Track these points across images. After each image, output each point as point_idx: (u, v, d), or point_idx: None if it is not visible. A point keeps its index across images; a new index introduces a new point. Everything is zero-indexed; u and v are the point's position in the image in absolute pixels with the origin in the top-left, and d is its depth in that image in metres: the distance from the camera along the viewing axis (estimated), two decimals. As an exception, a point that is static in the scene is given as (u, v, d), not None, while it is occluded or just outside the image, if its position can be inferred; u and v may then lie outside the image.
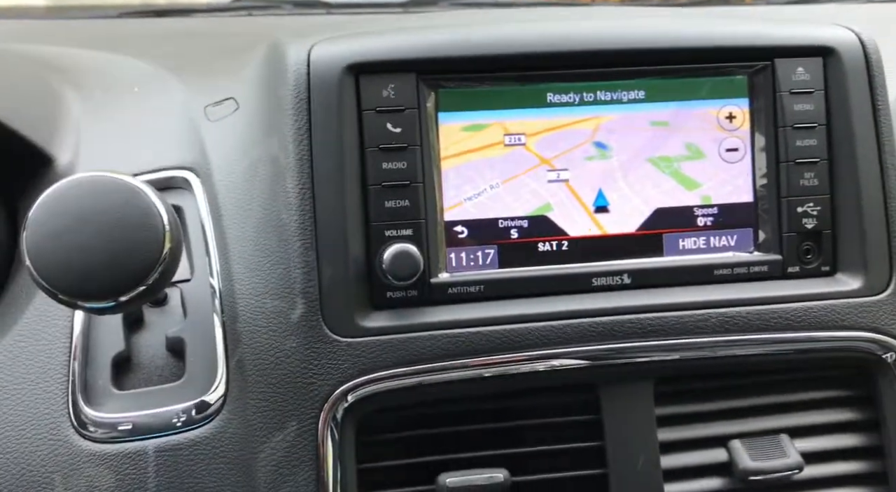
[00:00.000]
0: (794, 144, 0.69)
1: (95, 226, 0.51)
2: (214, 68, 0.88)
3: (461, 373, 0.63)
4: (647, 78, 0.68)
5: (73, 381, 0.63)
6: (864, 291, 0.68)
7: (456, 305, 0.65)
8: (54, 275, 0.51)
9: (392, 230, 0.64)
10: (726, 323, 0.66)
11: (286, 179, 0.63)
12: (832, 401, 0.70)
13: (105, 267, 0.51)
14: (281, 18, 1.15)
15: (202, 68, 0.91)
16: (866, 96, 0.69)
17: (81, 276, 0.51)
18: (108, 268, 0.51)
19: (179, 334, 0.66)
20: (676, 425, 0.67)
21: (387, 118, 0.64)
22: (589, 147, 0.68)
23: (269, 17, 1.14)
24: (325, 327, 0.62)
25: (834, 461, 0.68)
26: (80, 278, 0.51)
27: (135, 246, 0.52)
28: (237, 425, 0.62)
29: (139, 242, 0.52)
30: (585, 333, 0.65)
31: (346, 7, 1.18)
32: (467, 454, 0.64)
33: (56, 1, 1.40)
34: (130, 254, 0.52)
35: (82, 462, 0.61)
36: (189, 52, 0.97)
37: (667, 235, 0.69)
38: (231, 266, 0.66)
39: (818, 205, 0.69)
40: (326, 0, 1.20)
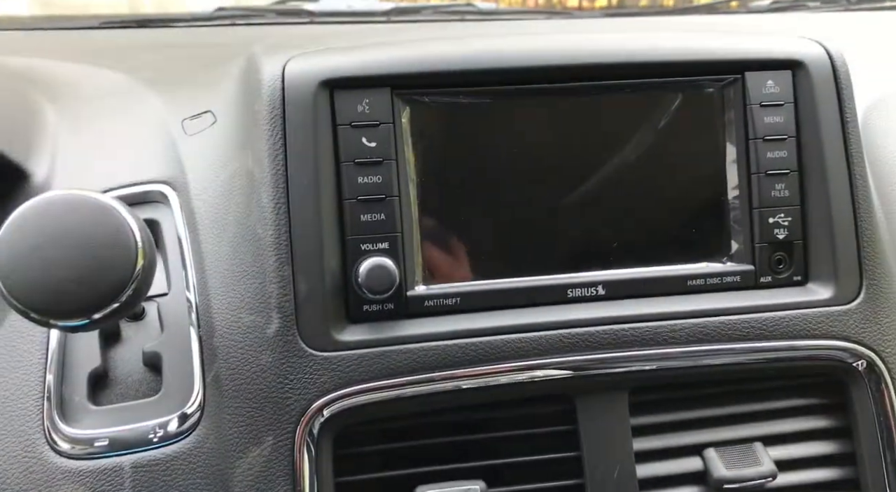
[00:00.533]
0: (764, 155, 0.70)
1: (67, 244, 0.51)
2: (193, 81, 0.88)
3: (437, 386, 0.63)
4: (619, 92, 0.69)
5: (49, 397, 0.63)
6: (834, 300, 0.69)
7: (432, 317, 0.65)
8: (25, 294, 0.51)
9: (368, 244, 0.64)
10: (699, 333, 0.67)
11: (261, 194, 0.63)
12: (805, 409, 0.71)
13: (77, 285, 0.51)
14: (264, 28, 1.15)
15: (181, 81, 0.91)
16: (835, 108, 0.70)
17: (53, 294, 0.51)
18: (80, 286, 0.51)
19: (156, 349, 0.66)
20: (652, 435, 0.68)
21: (362, 133, 0.64)
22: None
23: (253, 28, 1.14)
24: (300, 342, 0.62)
25: (807, 469, 0.69)
26: (52, 297, 0.51)
27: (107, 264, 0.52)
28: (214, 439, 0.62)
29: (111, 259, 0.52)
30: (561, 345, 0.65)
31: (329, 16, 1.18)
32: (444, 467, 0.64)
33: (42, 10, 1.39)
34: (102, 272, 0.52)
35: (58, 479, 0.61)
36: (169, 64, 0.98)
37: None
38: (207, 280, 0.66)
39: (789, 215, 0.70)
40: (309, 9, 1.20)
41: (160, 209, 0.74)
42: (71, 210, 0.52)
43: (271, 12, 1.21)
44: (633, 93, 0.69)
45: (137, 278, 0.53)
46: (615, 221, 0.69)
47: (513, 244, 0.67)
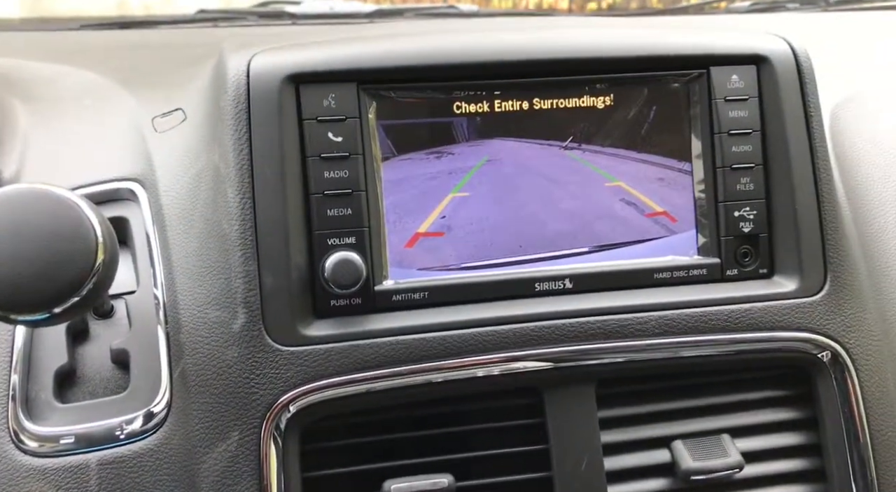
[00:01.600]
0: (729, 149, 0.71)
1: (25, 238, 0.51)
2: (166, 80, 0.88)
3: (405, 380, 0.64)
4: (587, 87, 0.69)
5: (14, 395, 0.63)
6: (799, 292, 0.70)
7: (400, 312, 0.66)
8: None
9: (335, 238, 0.64)
10: (665, 325, 0.67)
11: (227, 189, 0.63)
12: (772, 401, 0.71)
13: (36, 278, 0.51)
14: (247, 29, 1.15)
15: (153, 80, 0.91)
16: (798, 103, 0.71)
17: (11, 288, 0.51)
18: (39, 280, 0.51)
19: (124, 346, 0.66)
20: (619, 427, 0.68)
21: (328, 127, 0.64)
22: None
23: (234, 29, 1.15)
24: (266, 337, 0.62)
25: (774, 460, 0.70)
26: (11, 291, 0.51)
27: (66, 257, 0.52)
28: (180, 436, 0.62)
29: (70, 253, 0.52)
30: (528, 338, 0.65)
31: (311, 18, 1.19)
32: (412, 461, 0.64)
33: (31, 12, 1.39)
34: (61, 265, 0.52)
35: (23, 477, 0.61)
36: (145, 64, 0.98)
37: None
38: (175, 277, 0.66)
39: (754, 209, 0.71)
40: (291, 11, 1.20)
41: (129, 207, 0.74)
42: (29, 204, 0.52)
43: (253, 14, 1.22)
44: (601, 88, 0.69)
45: (98, 273, 0.53)
46: (587, 214, 0.69)
47: (484, 235, 0.68)
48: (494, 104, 0.68)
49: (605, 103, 0.70)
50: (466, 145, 0.68)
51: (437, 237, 0.68)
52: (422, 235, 0.68)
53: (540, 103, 0.69)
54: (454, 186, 0.68)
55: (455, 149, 0.68)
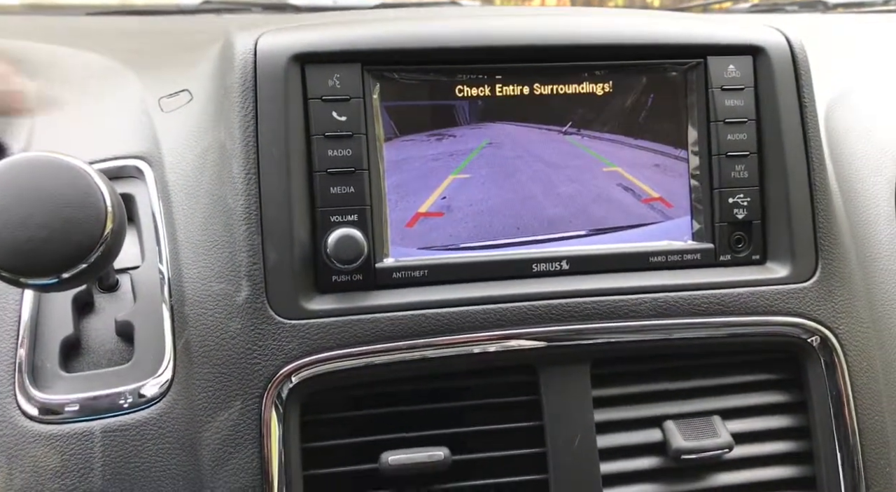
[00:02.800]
0: (725, 137, 0.72)
1: (36, 203, 0.52)
2: (171, 62, 0.89)
3: (404, 355, 0.65)
4: (587, 73, 0.71)
5: (20, 362, 0.64)
6: (791, 278, 0.71)
7: (400, 289, 0.67)
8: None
9: (337, 216, 0.66)
10: (659, 307, 0.69)
11: (233, 165, 0.65)
12: (762, 384, 0.73)
13: (46, 243, 0.52)
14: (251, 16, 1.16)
15: (161, 62, 0.92)
16: (793, 93, 0.73)
17: (22, 253, 0.52)
18: (49, 244, 0.52)
19: (128, 318, 0.67)
20: (612, 406, 0.70)
21: (332, 107, 0.66)
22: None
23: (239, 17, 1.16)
24: (269, 309, 0.63)
25: (763, 441, 0.71)
26: (21, 256, 0.52)
27: (76, 224, 0.53)
28: (183, 405, 0.63)
29: (80, 220, 0.53)
30: (525, 317, 0.67)
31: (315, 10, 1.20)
32: (410, 434, 0.65)
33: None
34: (71, 232, 0.53)
35: (28, 443, 0.62)
36: (151, 48, 0.99)
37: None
38: (180, 251, 0.67)
39: (748, 196, 0.72)
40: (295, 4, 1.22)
41: (135, 184, 0.75)
42: (40, 171, 0.53)
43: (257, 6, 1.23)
44: (602, 75, 0.71)
45: (107, 240, 0.54)
46: (584, 198, 0.71)
47: (484, 216, 0.69)
48: (496, 88, 0.70)
49: (605, 90, 0.71)
50: (468, 128, 0.70)
51: (438, 217, 0.69)
52: (422, 214, 0.69)
53: (540, 88, 0.70)
54: (455, 167, 0.70)
55: (456, 131, 0.70)
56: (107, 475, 0.62)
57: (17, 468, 0.61)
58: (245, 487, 0.61)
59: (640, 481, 0.69)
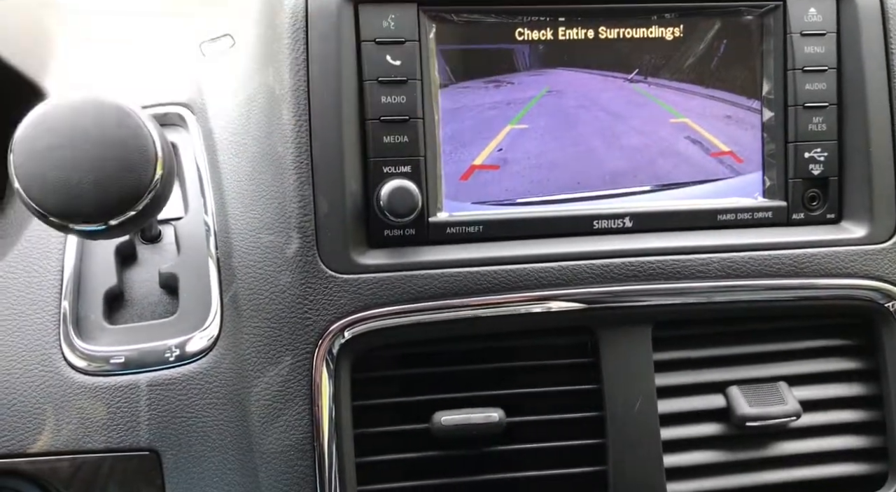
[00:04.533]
0: (803, 87, 0.67)
1: (85, 145, 0.50)
2: (210, 8, 0.86)
3: (458, 313, 0.62)
4: (658, 17, 0.66)
5: (65, 314, 0.63)
6: (868, 239, 0.67)
7: (454, 245, 0.64)
8: (43, 195, 0.49)
9: (390, 166, 0.62)
10: (728, 268, 0.65)
11: (282, 111, 0.61)
12: (832, 350, 0.69)
13: (94, 186, 0.50)
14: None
15: (197, 8, 0.89)
16: (879, 40, 0.67)
17: (71, 196, 0.50)
18: (98, 188, 0.50)
19: (173, 270, 0.65)
20: (674, 371, 0.66)
21: (386, 50, 0.62)
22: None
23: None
24: (321, 263, 0.61)
25: (832, 410, 0.68)
26: (69, 200, 0.50)
27: (126, 168, 0.51)
28: (231, 359, 0.61)
29: (130, 163, 0.51)
30: (585, 276, 0.64)
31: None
32: (463, 394, 0.63)
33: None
34: (121, 175, 0.50)
35: (74, 394, 0.61)
36: None
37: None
38: (226, 202, 0.65)
39: (825, 151, 0.68)
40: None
41: (178, 132, 0.73)
42: (90, 112, 0.50)
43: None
44: (672, 18, 0.66)
45: (156, 187, 0.52)
46: (649, 151, 0.67)
47: (542, 170, 0.66)
48: (558, 32, 0.65)
49: (675, 35, 0.67)
50: (527, 75, 0.66)
51: (493, 170, 0.66)
52: (477, 167, 0.66)
53: (606, 33, 0.66)
54: (512, 117, 0.66)
55: (515, 78, 0.66)
56: (153, 429, 0.61)
57: (65, 420, 0.60)
58: (295, 443, 0.59)
59: (702, 447, 0.66)
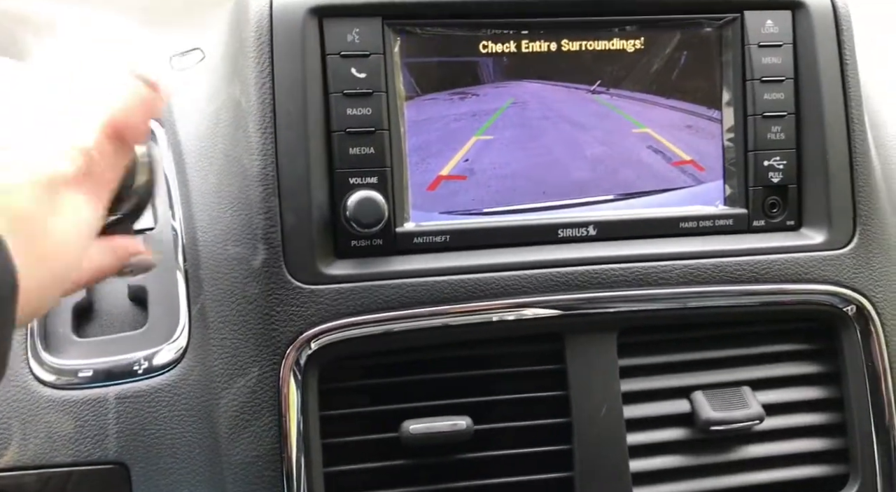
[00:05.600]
0: (761, 97, 0.69)
1: None
2: (182, 21, 0.86)
3: (425, 321, 0.63)
4: (618, 28, 0.67)
5: (32, 327, 0.63)
6: (827, 245, 0.69)
7: (421, 254, 0.65)
8: None
9: (356, 177, 0.63)
10: (690, 274, 0.66)
11: (248, 124, 0.62)
12: (794, 354, 0.70)
13: None
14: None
15: (172, 21, 0.89)
16: (834, 51, 0.69)
17: None
18: None
19: (141, 283, 0.65)
20: (640, 376, 0.67)
21: (351, 63, 0.63)
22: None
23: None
24: (287, 274, 0.61)
25: (794, 413, 0.69)
26: None
27: None
28: (199, 371, 0.62)
29: None
30: (551, 283, 0.65)
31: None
32: (431, 403, 0.64)
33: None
34: None
35: (42, 409, 0.61)
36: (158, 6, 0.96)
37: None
38: (194, 214, 0.65)
39: (784, 159, 0.69)
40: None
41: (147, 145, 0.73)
42: None
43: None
44: (633, 30, 0.67)
45: (138, 193, 0.52)
46: (612, 161, 0.68)
47: (507, 180, 0.66)
48: (522, 44, 0.66)
49: (636, 47, 0.68)
50: (491, 87, 0.67)
51: (460, 180, 0.67)
52: (444, 177, 0.67)
53: (568, 45, 0.67)
54: (478, 128, 0.67)
55: (480, 90, 0.67)
56: (122, 442, 0.61)
57: (32, 434, 0.60)
58: (263, 454, 0.60)
59: (668, 452, 0.67)
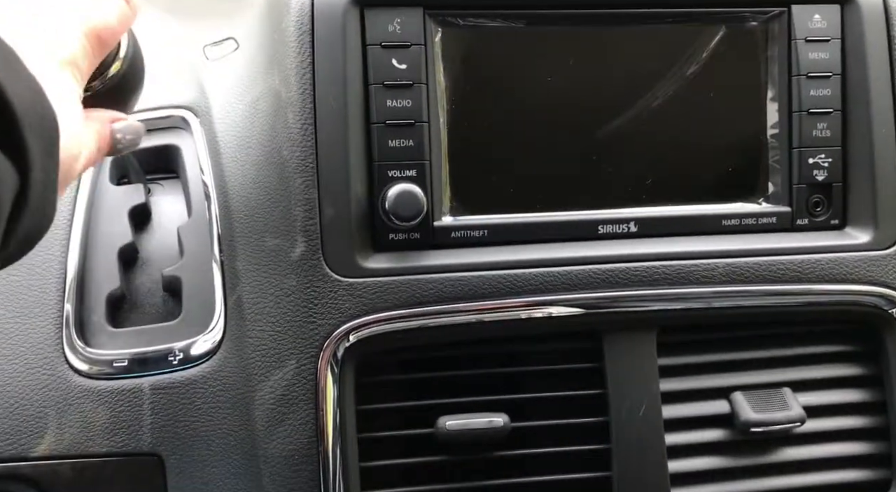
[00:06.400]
0: (807, 93, 0.67)
1: None
2: (213, 10, 0.86)
3: (462, 317, 0.62)
4: (661, 21, 0.66)
5: (67, 316, 0.62)
6: (872, 245, 0.67)
7: (459, 249, 0.64)
8: None
9: (395, 170, 0.62)
10: (732, 273, 0.65)
11: (287, 114, 0.61)
12: (836, 356, 0.69)
13: None
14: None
15: (201, 10, 0.89)
16: (884, 46, 0.68)
17: None
18: None
19: (176, 273, 0.65)
20: (679, 376, 0.66)
21: (392, 54, 0.62)
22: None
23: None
24: (325, 267, 0.60)
25: (836, 416, 0.68)
26: None
27: None
28: (235, 363, 0.61)
29: None
30: (590, 280, 0.64)
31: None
32: (467, 399, 0.63)
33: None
34: None
35: (76, 398, 0.60)
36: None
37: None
38: (230, 205, 0.65)
39: (830, 156, 0.68)
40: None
41: (181, 135, 0.72)
42: None
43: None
44: (675, 23, 0.66)
45: (110, 76, 0.51)
46: (651, 157, 0.67)
47: (544, 177, 0.65)
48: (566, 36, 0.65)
49: (681, 40, 0.67)
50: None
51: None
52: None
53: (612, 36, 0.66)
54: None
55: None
56: (156, 433, 0.60)
57: (67, 423, 0.60)
58: (300, 448, 0.59)
59: (707, 453, 0.66)
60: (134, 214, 0.69)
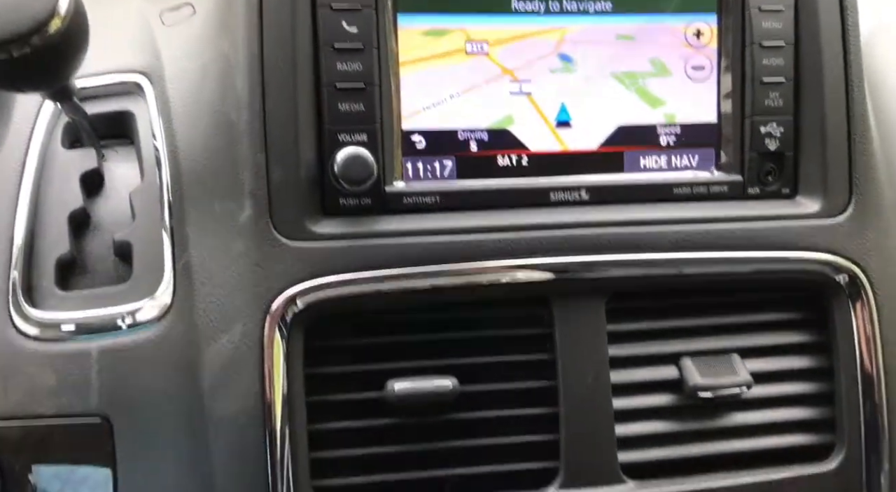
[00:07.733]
0: (760, 62, 0.68)
1: None
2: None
3: (413, 282, 0.62)
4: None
5: (15, 280, 0.62)
6: (822, 213, 0.68)
7: (411, 214, 0.64)
8: None
9: (345, 134, 0.62)
10: (683, 240, 0.66)
11: (236, 78, 0.61)
12: (784, 323, 0.70)
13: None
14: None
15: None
16: (836, 17, 0.68)
17: None
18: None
19: (126, 238, 0.65)
20: (628, 342, 0.67)
21: (342, 16, 0.61)
22: (553, 59, 0.67)
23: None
24: (274, 230, 0.60)
25: (783, 382, 0.69)
26: None
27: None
28: (183, 326, 0.61)
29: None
30: (540, 247, 0.64)
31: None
32: (417, 363, 0.63)
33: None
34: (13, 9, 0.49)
35: (23, 362, 0.60)
36: None
37: (628, 152, 0.68)
38: (181, 169, 0.64)
39: (781, 126, 0.68)
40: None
41: (136, 100, 0.72)
42: None
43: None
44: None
45: (49, 33, 0.50)
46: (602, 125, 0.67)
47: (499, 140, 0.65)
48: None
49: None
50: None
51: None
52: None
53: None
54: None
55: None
56: (103, 396, 0.60)
57: (12, 387, 0.60)
58: (245, 411, 0.59)
59: (654, 417, 0.66)
60: (86, 178, 0.68)
